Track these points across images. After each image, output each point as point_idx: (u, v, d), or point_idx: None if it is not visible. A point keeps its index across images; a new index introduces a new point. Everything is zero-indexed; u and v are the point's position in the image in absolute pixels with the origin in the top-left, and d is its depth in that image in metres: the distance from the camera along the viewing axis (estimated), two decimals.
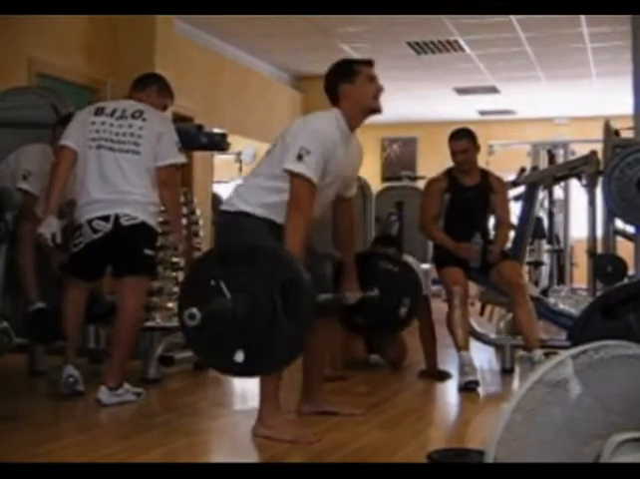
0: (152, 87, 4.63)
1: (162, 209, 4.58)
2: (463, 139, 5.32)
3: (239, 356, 2.98)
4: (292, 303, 3.01)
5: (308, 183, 3.56)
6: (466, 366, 4.93)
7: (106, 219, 4.32)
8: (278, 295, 2.99)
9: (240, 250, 3.21)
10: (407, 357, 5.71)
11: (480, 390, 4.98)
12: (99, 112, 4.47)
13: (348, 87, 3.81)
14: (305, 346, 3.13)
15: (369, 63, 3.93)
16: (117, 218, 4.32)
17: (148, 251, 4.41)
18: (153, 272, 4.61)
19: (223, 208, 3.87)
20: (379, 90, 3.89)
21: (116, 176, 4.35)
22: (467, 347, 5.04)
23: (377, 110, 3.89)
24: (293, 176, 3.57)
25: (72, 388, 4.41)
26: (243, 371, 3.04)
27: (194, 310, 2.88)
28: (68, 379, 4.42)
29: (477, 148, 5.38)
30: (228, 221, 3.78)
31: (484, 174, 5.46)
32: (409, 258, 5.41)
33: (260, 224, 3.66)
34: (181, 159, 4.52)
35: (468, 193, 5.35)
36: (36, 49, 6.69)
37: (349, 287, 4.10)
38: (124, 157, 4.36)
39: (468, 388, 4.85)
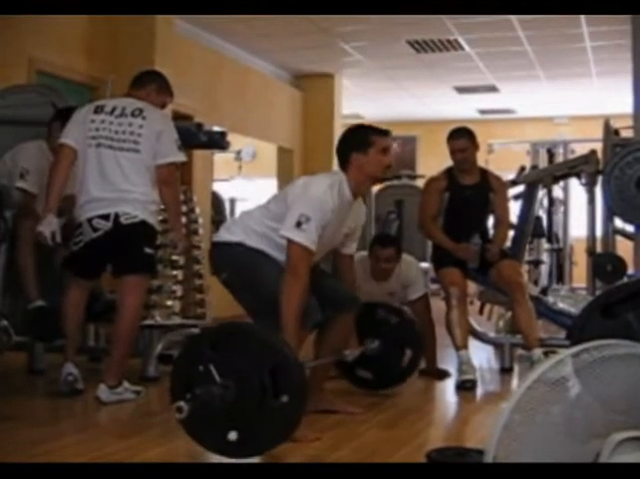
0: (151, 85, 4.62)
1: (162, 207, 4.58)
2: (462, 138, 5.32)
3: (232, 435, 2.99)
4: (281, 384, 3.02)
5: (306, 251, 3.58)
6: (463, 365, 4.94)
7: (106, 217, 4.32)
8: (267, 377, 3.01)
9: (229, 334, 3.21)
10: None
11: (480, 389, 4.99)
12: (98, 110, 4.47)
13: (360, 157, 3.79)
14: (304, 401, 3.13)
15: (385, 133, 3.89)
16: (117, 216, 4.32)
17: (147, 250, 4.41)
18: (152, 271, 4.61)
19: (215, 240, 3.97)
20: (390, 163, 3.87)
21: (115, 174, 4.34)
22: (465, 346, 5.05)
23: (384, 180, 3.90)
24: (291, 243, 3.59)
25: (71, 386, 4.41)
26: (239, 452, 3.05)
27: (182, 404, 2.89)
28: (67, 377, 4.42)
29: (476, 147, 5.38)
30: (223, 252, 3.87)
31: (484, 173, 5.46)
32: (407, 257, 5.41)
33: (252, 252, 3.76)
34: (181, 157, 4.52)
35: (467, 192, 5.35)
36: (36, 47, 6.68)
37: (348, 344, 4.12)
38: (123, 155, 4.35)
39: (464, 387, 4.86)
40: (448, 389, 5.01)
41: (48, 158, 4.78)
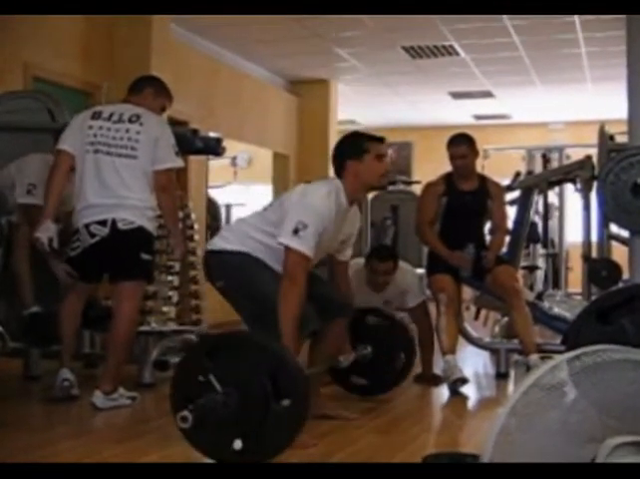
0: (147, 89, 4.63)
1: (159, 213, 4.58)
2: (462, 144, 5.33)
3: (237, 444, 2.99)
4: (283, 388, 3.03)
5: (303, 258, 3.58)
6: (450, 369, 4.96)
7: (103, 223, 4.32)
8: (268, 382, 3.01)
9: (227, 343, 3.22)
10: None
11: (475, 395, 4.99)
12: (96, 116, 4.47)
13: (355, 164, 3.80)
14: (307, 403, 3.14)
15: (379, 140, 3.90)
16: (114, 222, 4.31)
17: (145, 256, 4.41)
18: (149, 277, 4.60)
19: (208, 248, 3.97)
20: (386, 170, 3.89)
21: (113, 180, 4.34)
22: (452, 352, 5.08)
23: (380, 188, 3.89)
24: (288, 250, 3.59)
25: (66, 392, 4.41)
26: (245, 459, 3.05)
27: (186, 413, 2.89)
28: (63, 383, 4.42)
29: (475, 153, 5.39)
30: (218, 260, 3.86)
31: (483, 179, 5.47)
32: (403, 264, 5.41)
33: (249, 260, 3.76)
34: (179, 162, 4.52)
35: (465, 197, 5.36)
36: (32, 53, 6.68)
37: (342, 350, 4.13)
38: (121, 161, 4.36)
39: (457, 388, 4.87)
40: (443, 394, 5.01)
41: None
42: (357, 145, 3.85)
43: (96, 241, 4.33)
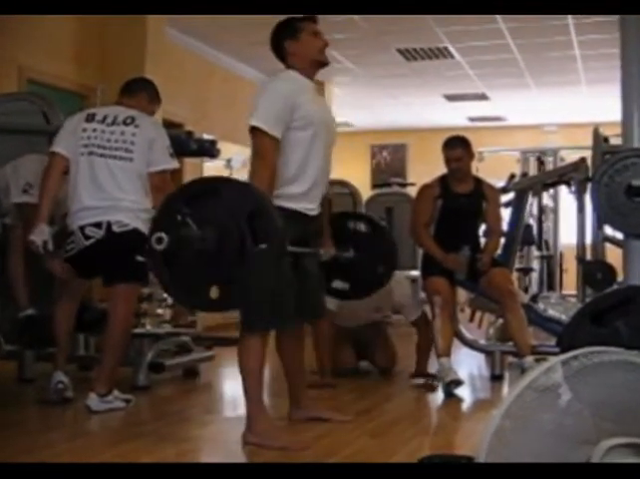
0: (142, 94, 4.63)
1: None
2: (457, 147, 5.33)
3: (214, 292, 2.97)
4: (260, 231, 3.04)
5: (264, 134, 3.57)
6: (444, 371, 4.96)
7: (98, 225, 4.32)
8: (245, 225, 3.01)
9: (204, 188, 3.23)
10: (397, 364, 5.71)
11: (470, 397, 4.99)
12: (90, 118, 4.47)
13: (293, 44, 3.85)
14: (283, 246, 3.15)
15: (312, 19, 3.94)
16: (109, 224, 4.31)
17: (139, 258, 4.39)
18: (144, 279, 4.59)
19: None
20: (325, 44, 3.92)
21: (108, 182, 4.34)
22: (447, 354, 5.08)
23: (325, 63, 3.92)
24: (252, 130, 3.61)
25: (61, 395, 4.40)
26: (222, 307, 3.03)
27: (162, 234, 2.88)
28: (57, 386, 4.41)
29: (471, 156, 5.40)
30: None
31: (478, 181, 5.48)
32: (399, 275, 5.40)
33: None
34: (174, 164, 4.52)
35: (460, 200, 5.36)
36: (26, 56, 6.68)
37: (323, 245, 4.12)
38: (116, 163, 4.35)
39: (451, 390, 4.88)
40: (437, 397, 5.00)
41: None
42: (291, 26, 3.90)
43: (91, 244, 4.33)
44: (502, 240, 6.16)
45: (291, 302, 3.64)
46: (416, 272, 7.19)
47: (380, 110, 13.37)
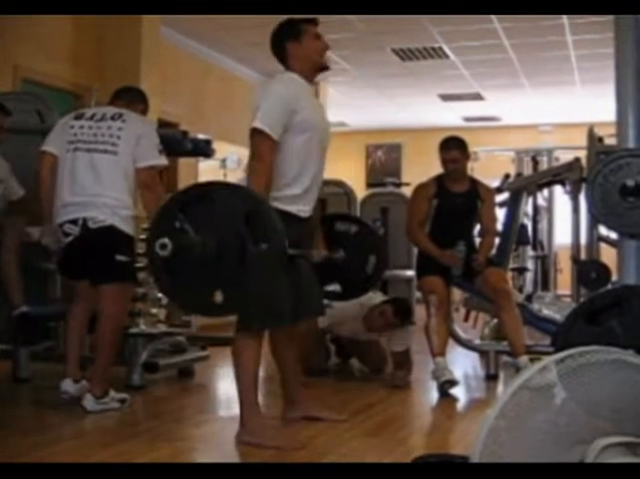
0: (137, 105, 4.65)
1: (135, 213, 4.50)
2: (454, 149, 5.34)
3: (218, 297, 2.97)
4: (259, 231, 3.06)
5: (264, 135, 3.59)
6: (439, 371, 4.96)
7: (74, 222, 4.28)
8: (243, 227, 3.02)
9: (197, 194, 3.24)
10: (387, 364, 5.70)
11: (465, 396, 4.99)
12: (78, 116, 4.48)
13: (295, 46, 3.85)
14: (283, 244, 3.16)
15: (313, 21, 3.95)
16: (85, 221, 4.26)
17: (120, 257, 4.32)
18: (129, 279, 4.53)
19: None
20: (325, 47, 3.93)
21: (87, 177, 4.30)
22: (442, 354, 5.07)
23: (325, 67, 3.93)
24: (252, 131, 3.62)
25: (63, 402, 4.37)
26: (228, 310, 3.04)
27: (166, 240, 2.88)
28: (62, 395, 4.38)
29: (467, 157, 5.41)
30: None
31: (473, 181, 5.49)
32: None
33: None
34: (162, 161, 4.45)
35: (456, 199, 5.37)
36: (21, 55, 6.67)
37: (315, 247, 4.14)
38: (101, 157, 4.31)
39: (446, 390, 4.88)
40: (432, 397, 5.01)
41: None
42: (293, 27, 3.90)
43: (70, 241, 4.30)
44: (497, 240, 6.17)
45: (287, 301, 3.64)
46: (411, 272, 7.19)
47: (375, 109, 13.38)
